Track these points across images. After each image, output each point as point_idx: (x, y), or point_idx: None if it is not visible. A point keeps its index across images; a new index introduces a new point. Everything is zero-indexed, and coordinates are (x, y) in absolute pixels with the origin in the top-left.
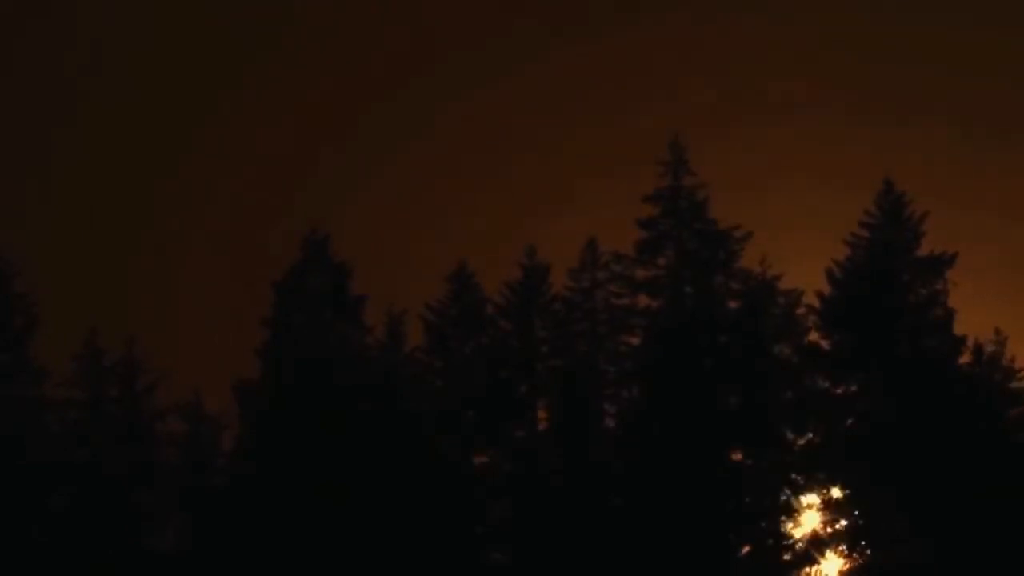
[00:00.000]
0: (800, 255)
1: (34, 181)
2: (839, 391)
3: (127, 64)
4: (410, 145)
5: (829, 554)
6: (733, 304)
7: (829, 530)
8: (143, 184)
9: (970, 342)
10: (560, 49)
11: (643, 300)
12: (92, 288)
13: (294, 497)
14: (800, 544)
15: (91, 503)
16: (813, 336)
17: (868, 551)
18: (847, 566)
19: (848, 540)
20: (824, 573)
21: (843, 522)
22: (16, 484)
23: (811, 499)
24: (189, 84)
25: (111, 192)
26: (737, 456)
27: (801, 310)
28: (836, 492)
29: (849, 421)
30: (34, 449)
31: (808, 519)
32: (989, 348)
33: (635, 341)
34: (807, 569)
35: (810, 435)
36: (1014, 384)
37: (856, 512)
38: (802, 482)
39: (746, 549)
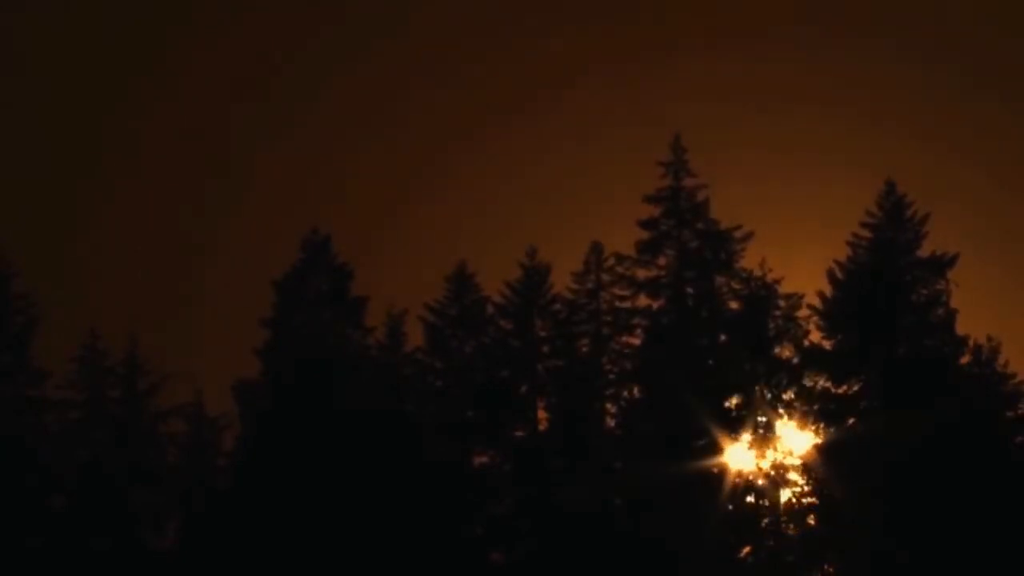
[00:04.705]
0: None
1: (35, 180)
2: (840, 391)
3: (122, 61)
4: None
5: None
6: (733, 304)
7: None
8: (143, 185)
9: (970, 342)
10: None
11: (644, 300)
12: (92, 288)
13: (295, 497)
14: (800, 544)
15: (91, 503)
16: (814, 336)
17: (868, 550)
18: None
19: (848, 539)
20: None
21: (843, 522)
22: (16, 484)
23: (811, 499)
24: (202, 97)
25: (111, 192)
26: (737, 456)
27: (802, 312)
28: (837, 492)
29: (850, 421)
30: (34, 449)
31: (809, 519)
32: (986, 352)
33: (636, 342)
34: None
35: (811, 435)
36: (1010, 387)
37: (856, 511)
38: (803, 482)
39: (746, 549)
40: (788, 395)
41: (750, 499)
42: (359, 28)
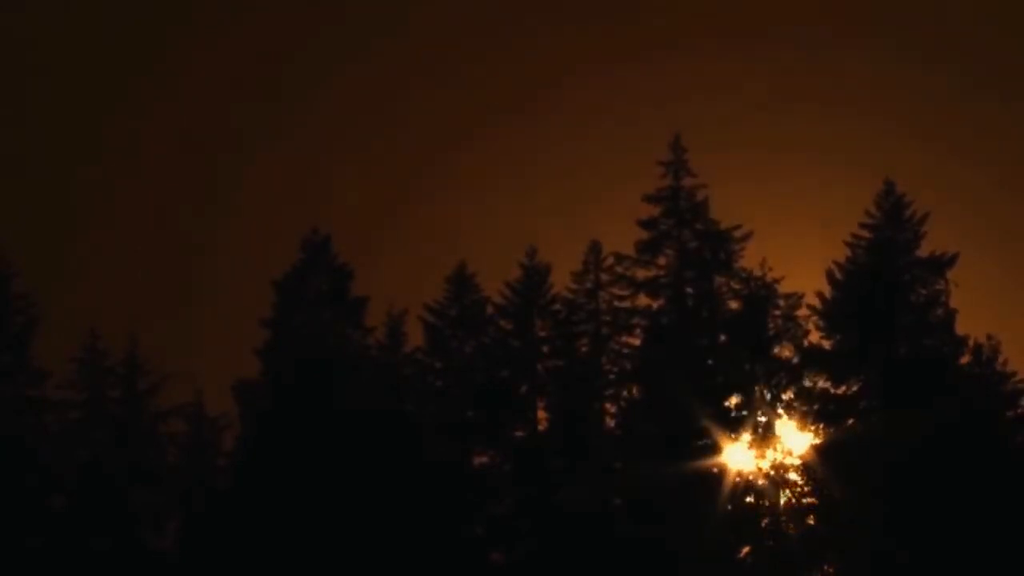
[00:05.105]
0: None
1: (35, 180)
2: (840, 391)
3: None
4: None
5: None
6: (733, 304)
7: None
8: (143, 185)
9: (970, 342)
10: None
11: (643, 300)
12: (92, 288)
13: (295, 497)
14: (800, 544)
15: (91, 503)
16: (814, 336)
17: (868, 550)
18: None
19: (848, 539)
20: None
21: (843, 522)
22: (16, 484)
23: (811, 499)
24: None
25: (111, 192)
26: (737, 456)
27: (802, 312)
28: (836, 492)
29: (850, 421)
30: (34, 449)
31: (809, 519)
32: (986, 351)
33: (636, 342)
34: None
35: (811, 435)
36: (1009, 386)
37: (856, 511)
38: (802, 482)
39: (746, 549)
40: (788, 395)
41: (750, 499)
42: (359, 28)
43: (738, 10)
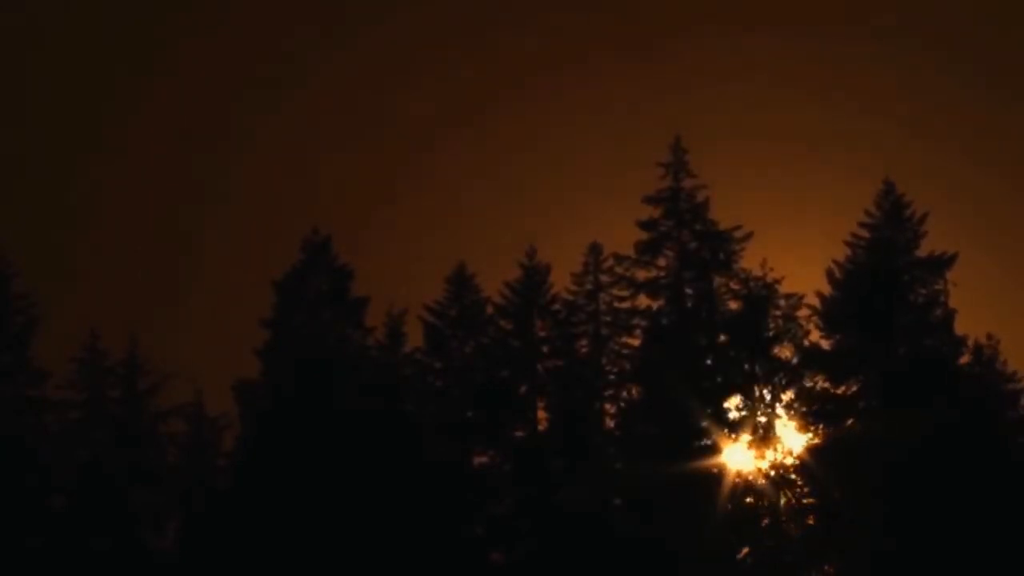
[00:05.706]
0: None
1: (35, 180)
2: (839, 391)
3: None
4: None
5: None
6: (733, 304)
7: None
8: (143, 184)
9: (970, 342)
10: None
11: (643, 300)
12: (92, 288)
13: (295, 497)
14: (800, 544)
15: (91, 503)
16: (814, 336)
17: (868, 550)
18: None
19: (848, 539)
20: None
21: (843, 522)
22: (16, 484)
23: (811, 499)
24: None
25: (111, 192)
26: (737, 456)
27: (802, 312)
28: (836, 492)
29: (850, 421)
30: (34, 449)
31: (809, 519)
32: (987, 351)
33: (636, 342)
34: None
35: (810, 435)
36: (1010, 387)
37: (856, 511)
38: (802, 482)
39: (746, 550)
40: (787, 395)
41: (750, 499)
42: (359, 26)
43: (738, 7)
